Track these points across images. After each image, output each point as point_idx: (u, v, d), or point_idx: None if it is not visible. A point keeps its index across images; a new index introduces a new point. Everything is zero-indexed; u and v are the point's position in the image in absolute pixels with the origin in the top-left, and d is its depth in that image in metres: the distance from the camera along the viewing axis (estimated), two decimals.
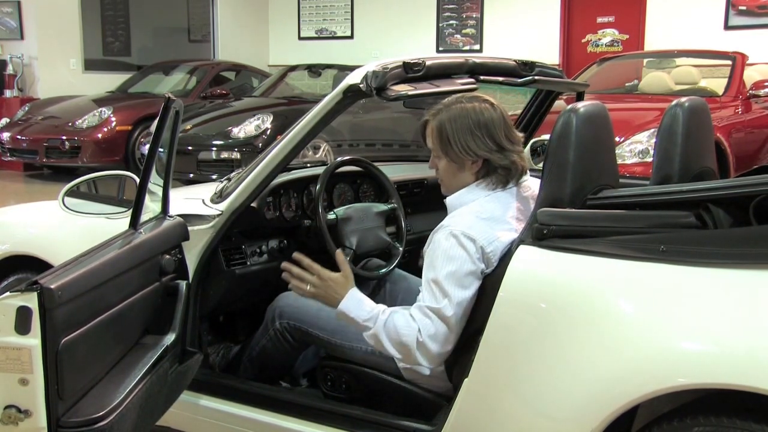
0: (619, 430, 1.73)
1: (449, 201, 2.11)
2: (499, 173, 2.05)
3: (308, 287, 2.12)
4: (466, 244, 1.94)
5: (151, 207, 2.28)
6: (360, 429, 2.14)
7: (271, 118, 7.63)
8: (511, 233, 1.99)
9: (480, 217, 1.99)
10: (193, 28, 12.75)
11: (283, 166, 2.28)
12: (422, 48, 11.44)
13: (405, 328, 1.97)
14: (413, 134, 8.63)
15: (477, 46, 11.41)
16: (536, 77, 2.52)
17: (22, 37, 10.40)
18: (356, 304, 2.07)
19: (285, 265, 2.17)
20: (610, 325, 1.70)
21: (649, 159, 5.29)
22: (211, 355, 2.58)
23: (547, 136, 1.98)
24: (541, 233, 1.84)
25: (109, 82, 10.53)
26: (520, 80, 2.46)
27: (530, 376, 1.79)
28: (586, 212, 1.86)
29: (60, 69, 10.47)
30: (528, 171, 2.12)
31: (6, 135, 9.08)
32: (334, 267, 2.56)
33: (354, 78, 2.07)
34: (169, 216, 2.32)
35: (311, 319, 2.32)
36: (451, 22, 11.59)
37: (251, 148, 7.32)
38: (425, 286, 1.99)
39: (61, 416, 1.75)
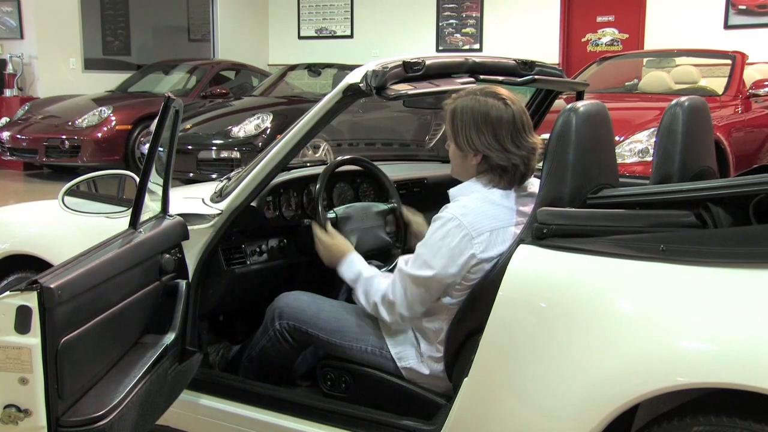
0: (619, 429, 1.74)
1: (452, 192, 2.13)
2: (497, 172, 2.05)
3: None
4: (456, 228, 1.98)
5: (150, 206, 2.28)
6: (360, 428, 2.15)
7: (270, 118, 7.63)
8: (505, 228, 2.01)
9: (475, 208, 2.01)
10: (193, 28, 12.75)
11: (283, 165, 2.28)
12: (422, 47, 11.44)
13: (377, 287, 2.19)
14: (413, 133, 8.66)
15: (477, 46, 11.42)
16: (536, 76, 2.52)
17: (22, 37, 10.40)
18: (347, 266, 2.32)
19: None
20: (609, 324, 1.70)
21: (649, 158, 5.29)
22: (211, 354, 2.58)
23: (547, 136, 1.98)
24: (541, 232, 1.84)
25: (109, 81, 10.53)
26: (519, 79, 2.46)
27: (530, 376, 1.79)
28: (586, 211, 1.87)
29: (60, 68, 10.47)
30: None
31: (6, 134, 9.08)
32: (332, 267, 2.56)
33: (354, 77, 2.07)
34: (169, 215, 2.32)
35: (311, 319, 2.32)
36: (450, 21, 11.59)
37: (251, 148, 7.32)
38: (414, 254, 2.10)
39: (60, 415, 1.75)
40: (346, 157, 2.84)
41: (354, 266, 2.31)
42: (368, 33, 12.14)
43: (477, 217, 1.99)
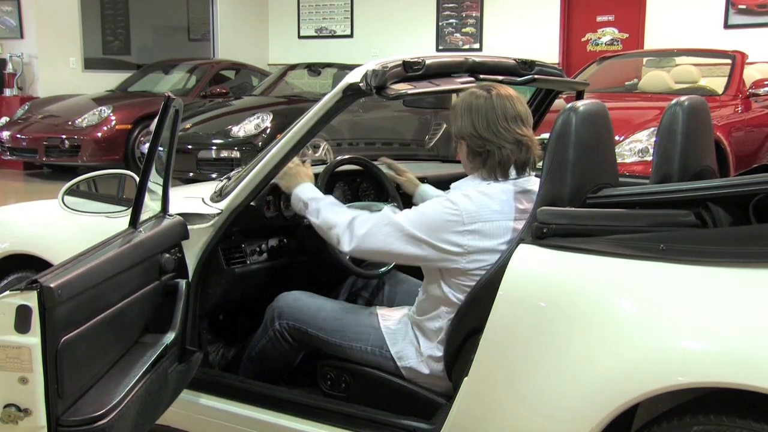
0: (618, 429, 1.74)
1: (453, 186, 2.14)
2: (478, 160, 2.07)
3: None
4: (451, 206, 2.00)
5: (150, 206, 2.28)
6: (359, 428, 2.14)
7: (270, 117, 7.63)
8: (500, 222, 2.00)
9: (473, 198, 2.01)
10: (193, 27, 12.75)
11: (283, 165, 2.28)
12: (422, 47, 11.44)
13: (345, 211, 2.17)
14: (413, 133, 8.66)
15: (477, 45, 11.41)
16: (536, 76, 2.52)
17: (21, 36, 10.40)
18: (307, 188, 2.30)
19: None
20: (609, 323, 1.70)
21: (649, 158, 5.29)
22: (211, 354, 2.58)
23: (547, 135, 1.98)
24: (541, 232, 1.84)
25: (109, 80, 10.53)
26: (519, 79, 2.46)
27: (530, 375, 1.79)
28: (586, 211, 1.86)
29: (60, 68, 10.48)
30: (519, 169, 2.09)
31: (6, 134, 9.08)
32: (332, 267, 2.56)
33: (354, 77, 2.07)
34: (169, 215, 2.32)
35: (310, 319, 2.32)
36: (450, 20, 11.59)
37: (251, 147, 7.32)
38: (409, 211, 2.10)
39: (60, 415, 1.74)
40: (346, 157, 2.84)
41: (314, 189, 2.30)
42: (368, 32, 12.14)
43: (474, 206, 1.99)
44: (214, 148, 7.49)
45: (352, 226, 2.11)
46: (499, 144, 2.03)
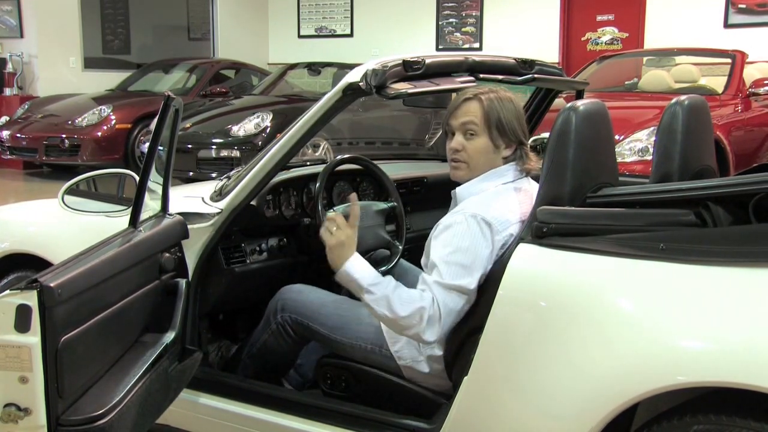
0: (618, 428, 1.74)
1: (460, 190, 2.13)
2: (523, 158, 2.12)
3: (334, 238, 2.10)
4: (483, 227, 1.97)
5: (150, 205, 2.28)
6: (359, 427, 2.14)
7: (270, 117, 7.63)
8: (518, 225, 2.02)
9: (494, 203, 2.02)
10: (193, 26, 12.75)
11: (283, 164, 2.28)
12: (422, 46, 11.44)
13: (419, 298, 1.96)
14: (413, 132, 8.64)
15: (477, 45, 11.41)
16: (536, 75, 2.51)
17: (21, 36, 10.40)
18: (362, 266, 2.07)
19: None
20: (609, 323, 1.70)
21: (649, 157, 5.29)
22: (211, 353, 2.58)
23: (546, 134, 1.98)
24: (541, 231, 1.84)
25: (109, 80, 10.53)
26: (519, 78, 2.46)
27: (530, 375, 1.79)
28: (586, 210, 1.87)
29: (60, 67, 10.47)
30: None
31: (6, 133, 9.08)
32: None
33: (354, 76, 2.07)
34: (169, 214, 2.32)
35: (313, 314, 2.32)
36: (450, 20, 11.58)
37: (251, 147, 7.32)
38: (440, 264, 1.97)
39: (60, 414, 1.75)
40: (345, 156, 2.83)
41: (371, 271, 2.07)
42: (368, 32, 12.14)
43: (499, 211, 2.00)
44: (214, 147, 7.49)
45: (431, 321, 1.95)
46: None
